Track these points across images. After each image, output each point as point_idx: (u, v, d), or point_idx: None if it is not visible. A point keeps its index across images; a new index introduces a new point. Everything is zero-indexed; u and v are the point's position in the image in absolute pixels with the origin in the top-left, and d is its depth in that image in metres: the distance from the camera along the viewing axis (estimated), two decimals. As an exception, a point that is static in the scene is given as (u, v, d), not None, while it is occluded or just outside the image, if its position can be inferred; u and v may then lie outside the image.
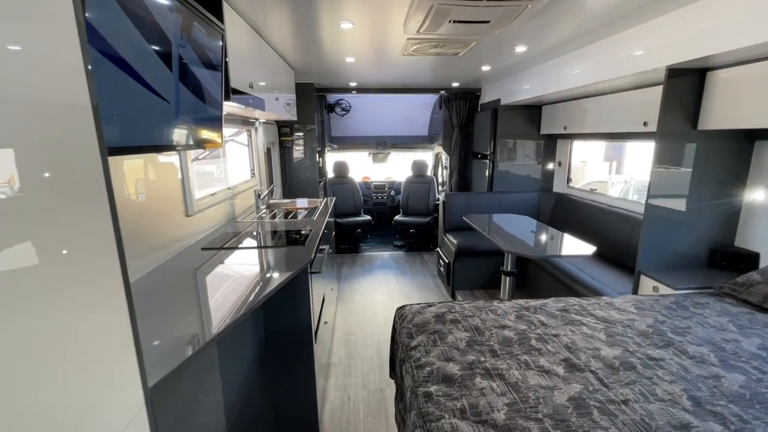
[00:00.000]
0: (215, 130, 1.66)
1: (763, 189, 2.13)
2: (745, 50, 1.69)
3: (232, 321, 1.21)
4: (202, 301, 1.43)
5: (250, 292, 1.46)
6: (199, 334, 1.14)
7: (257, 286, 1.53)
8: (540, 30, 2.29)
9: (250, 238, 2.27)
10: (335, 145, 5.71)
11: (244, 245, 2.09)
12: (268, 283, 1.56)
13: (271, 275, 1.70)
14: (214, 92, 1.62)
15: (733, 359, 1.37)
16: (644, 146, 8.43)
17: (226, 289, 1.51)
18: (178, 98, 1.33)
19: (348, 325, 3.31)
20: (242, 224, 2.58)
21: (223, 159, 3.26)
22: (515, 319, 1.69)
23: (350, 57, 3.00)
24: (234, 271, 1.73)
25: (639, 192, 7.22)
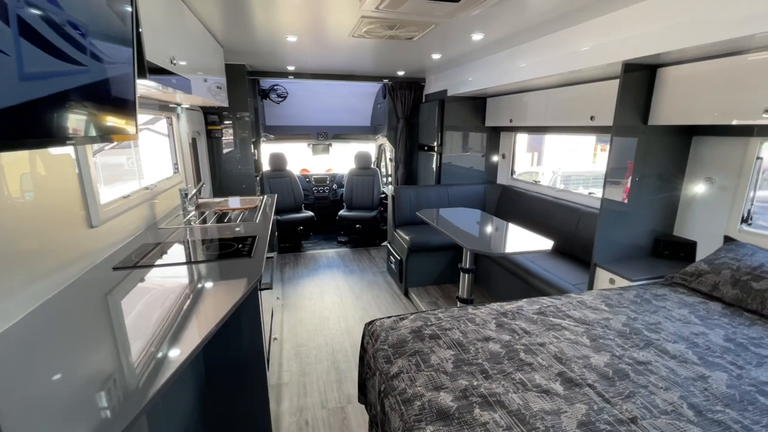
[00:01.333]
0: (125, 116, 1.26)
1: (699, 182, 2.28)
2: (690, 50, 1.72)
3: (166, 381, 0.88)
4: (117, 349, 1.07)
5: (184, 329, 1.12)
6: (114, 407, 0.81)
7: (194, 318, 1.19)
8: (502, 16, 2.17)
9: (178, 249, 1.86)
10: (271, 135, 5.22)
11: (170, 260, 1.69)
12: (210, 313, 1.23)
13: (212, 300, 1.36)
14: (120, 66, 1.22)
15: (709, 355, 1.38)
16: (563, 139, 9.06)
17: (150, 325, 1.15)
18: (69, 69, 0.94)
19: (298, 336, 3.00)
20: (166, 232, 2.14)
21: (135, 151, 2.72)
22: (496, 328, 1.57)
23: (292, 35, 2.64)
24: (159, 297, 1.35)
25: (565, 182, 7.81)
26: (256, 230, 2.16)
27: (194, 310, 1.26)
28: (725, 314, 1.69)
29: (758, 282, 1.71)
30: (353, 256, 4.92)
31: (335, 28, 2.44)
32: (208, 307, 1.29)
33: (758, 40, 1.51)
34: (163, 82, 1.59)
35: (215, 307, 1.28)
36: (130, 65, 1.27)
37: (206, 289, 1.45)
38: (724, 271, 1.85)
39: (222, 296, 1.38)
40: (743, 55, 1.68)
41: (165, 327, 1.12)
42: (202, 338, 1.07)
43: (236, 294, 1.36)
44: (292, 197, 5.28)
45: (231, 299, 1.32)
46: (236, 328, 1.59)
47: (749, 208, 2.06)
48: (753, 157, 2.00)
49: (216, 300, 1.35)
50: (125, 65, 1.24)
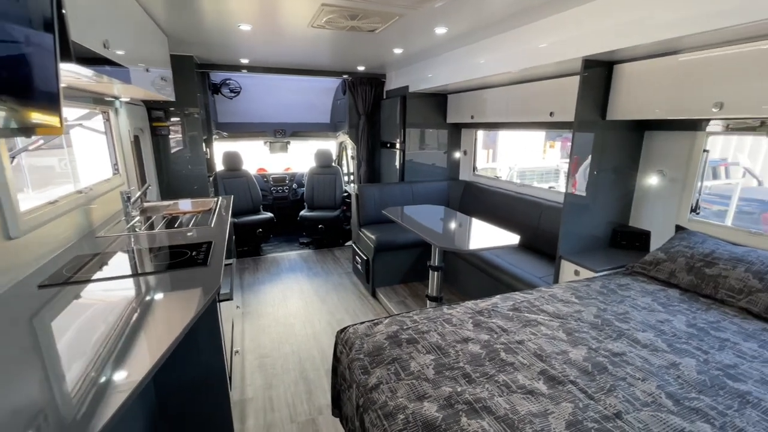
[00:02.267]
0: (45, 107, 1.06)
1: (651, 174, 2.39)
2: (643, 47, 1.78)
3: (112, 415, 0.73)
4: (49, 380, 0.88)
5: (130, 353, 0.96)
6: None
7: (143, 339, 1.03)
8: (466, 10, 2.14)
9: (121, 260, 1.64)
10: (224, 132, 4.90)
11: (110, 273, 1.48)
12: (163, 332, 1.07)
13: (164, 317, 1.19)
14: (38, 48, 1.02)
15: (677, 342, 1.42)
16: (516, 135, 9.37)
17: (88, 351, 0.97)
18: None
19: (261, 347, 2.81)
20: (105, 240, 1.89)
21: (69, 151, 2.42)
22: (474, 327, 1.52)
23: (245, 24, 2.44)
24: (98, 318, 1.16)
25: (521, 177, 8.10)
26: (211, 235, 1.97)
27: (142, 329, 1.09)
28: (683, 300, 1.76)
29: (710, 268, 1.81)
30: (317, 257, 4.76)
31: (293, 16, 2.29)
32: (160, 325, 1.13)
33: (707, 37, 1.58)
34: (95, 69, 1.37)
35: (168, 325, 1.12)
36: (51, 48, 1.07)
37: (156, 304, 1.27)
38: (679, 258, 1.94)
39: (175, 312, 1.22)
40: (693, 52, 1.76)
41: (106, 352, 0.95)
42: (155, 361, 0.92)
43: (192, 308, 1.20)
44: (249, 198, 5.00)
45: (186, 314, 1.16)
46: (193, 346, 1.42)
47: (697, 198, 2.18)
48: (700, 150, 2.12)
49: (169, 316, 1.19)
50: (43, 48, 1.04)
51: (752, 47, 1.54)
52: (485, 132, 4.25)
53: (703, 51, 1.72)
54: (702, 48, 1.73)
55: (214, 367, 1.48)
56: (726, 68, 1.65)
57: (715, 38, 1.58)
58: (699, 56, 1.74)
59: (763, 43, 1.52)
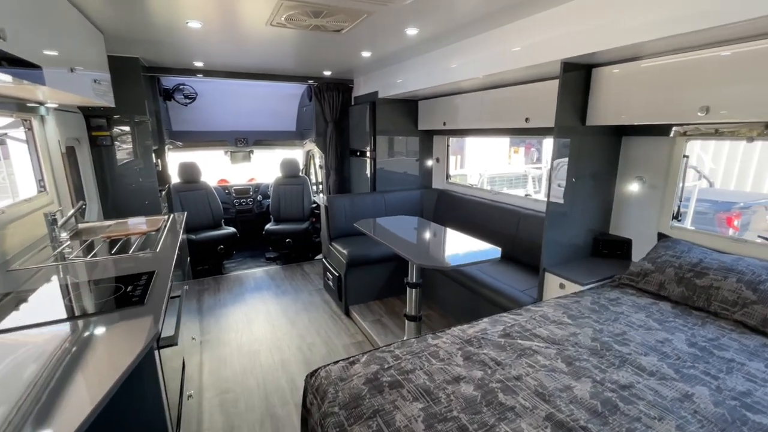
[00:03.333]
0: None
1: (630, 181, 2.33)
2: (625, 48, 1.70)
3: None
4: None
5: None
6: None
7: (49, 415, 0.76)
8: (439, 9, 1.99)
9: (31, 303, 1.33)
10: (178, 142, 4.52)
11: (18, 322, 1.18)
12: (75, 402, 0.80)
13: (79, 382, 0.91)
14: None
15: (683, 366, 1.30)
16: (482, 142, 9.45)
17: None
18: None
19: (221, 381, 2.50)
20: (20, 275, 1.56)
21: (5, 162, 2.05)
22: (464, 361, 1.34)
23: (195, 21, 2.17)
24: None
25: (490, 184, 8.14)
26: (155, 262, 1.68)
27: (48, 401, 0.82)
28: (677, 314, 1.67)
29: (701, 279, 1.73)
30: (284, 273, 4.45)
31: (249, 13, 2.05)
32: (75, 392, 0.86)
33: (698, 37, 1.51)
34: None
35: (87, 391, 0.85)
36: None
37: (72, 363, 0.99)
38: (667, 269, 1.86)
39: (97, 372, 0.95)
40: (680, 54, 1.69)
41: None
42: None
43: (119, 366, 0.94)
44: (209, 212, 4.63)
45: (110, 375, 0.90)
46: (126, 404, 1.14)
47: (678, 205, 2.13)
48: (680, 155, 2.07)
49: (87, 380, 0.92)
50: None
51: (746, 48, 1.48)
52: (453, 138, 4.14)
53: (691, 53, 1.65)
54: (690, 50, 1.65)
55: (154, 426, 1.20)
56: (715, 71, 1.58)
57: (706, 39, 1.51)
58: (686, 58, 1.67)
59: (757, 43, 1.45)
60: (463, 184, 4.11)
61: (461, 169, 9.60)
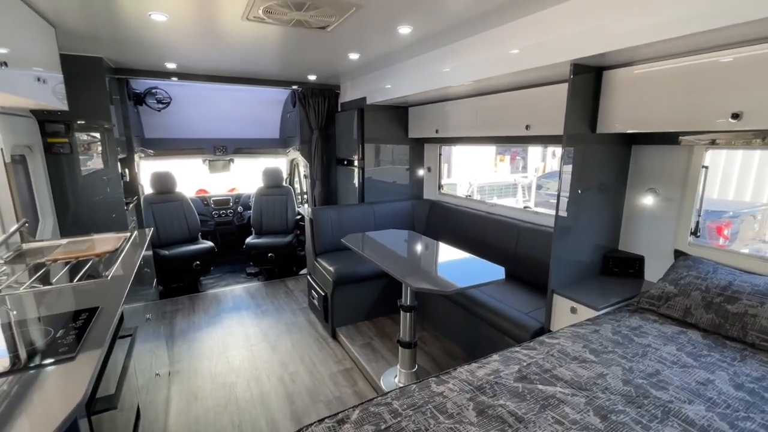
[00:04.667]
0: None
1: (642, 193, 2.15)
2: (645, 47, 1.52)
3: None
4: None
5: None
6: None
7: None
8: (435, 4, 1.79)
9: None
10: (150, 150, 4.19)
11: None
12: None
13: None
14: None
15: (735, 418, 1.09)
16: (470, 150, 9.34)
17: None
18: None
19: (191, 422, 2.19)
20: (-73, 314, 1.25)
21: None
22: (478, 418, 1.10)
23: (158, 13, 1.91)
24: None
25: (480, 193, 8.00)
26: (101, 295, 1.40)
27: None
28: (710, 345, 1.47)
29: (733, 304, 1.54)
30: (266, 291, 4.15)
31: (221, 4, 1.81)
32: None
33: (724, 36, 1.34)
34: None
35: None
36: None
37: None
38: (693, 292, 1.67)
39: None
40: (703, 54, 1.52)
41: None
42: None
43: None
44: (185, 225, 4.30)
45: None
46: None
47: (697, 220, 1.96)
48: (699, 165, 1.90)
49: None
50: None
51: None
52: (440, 147, 3.95)
53: (715, 53, 1.48)
54: (713, 49, 1.48)
55: None
56: (746, 73, 1.41)
57: (736, 36, 1.33)
58: (713, 59, 1.50)
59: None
60: (454, 194, 3.91)
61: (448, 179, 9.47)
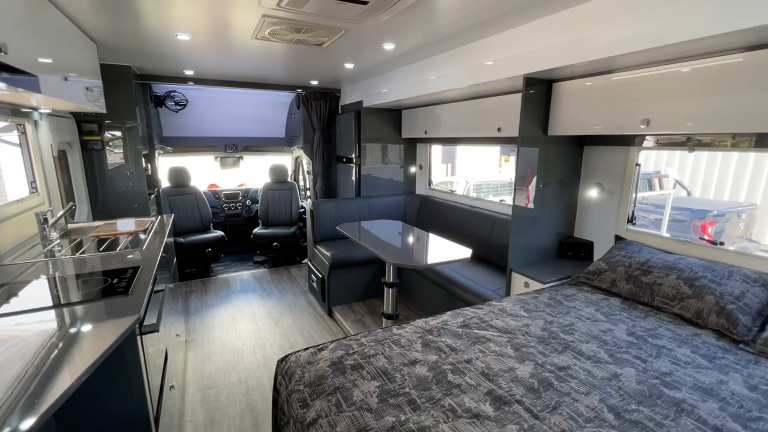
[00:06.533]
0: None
1: (591, 187, 2.50)
2: (578, 66, 1.87)
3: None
4: None
5: (20, 400, 0.81)
6: None
7: (38, 385, 0.87)
8: (410, 27, 2.16)
9: (25, 292, 1.44)
10: (169, 147, 4.63)
11: (10, 308, 1.29)
12: (63, 375, 0.92)
13: (66, 358, 1.03)
14: None
15: (617, 352, 1.45)
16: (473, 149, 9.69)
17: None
18: None
19: (205, 377, 2.60)
20: (13, 269, 1.66)
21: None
22: (422, 348, 1.47)
23: (183, 34, 2.32)
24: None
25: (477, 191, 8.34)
26: (140, 259, 1.80)
27: (40, 373, 0.93)
28: (624, 308, 1.82)
29: (647, 276, 1.89)
30: (271, 276, 4.55)
31: (235, 27, 2.20)
32: (62, 366, 0.97)
33: (636, 58, 1.68)
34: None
35: (72, 366, 0.97)
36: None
37: (62, 342, 1.10)
38: (618, 268, 2.01)
39: (83, 350, 1.06)
40: (624, 72, 1.87)
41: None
42: (48, 407, 0.78)
43: (103, 345, 1.05)
44: (198, 216, 4.73)
45: (93, 353, 1.01)
46: (109, 387, 1.25)
47: (633, 209, 2.30)
48: (633, 163, 2.25)
49: (74, 356, 1.03)
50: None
51: (677, 68, 1.66)
52: (444, 147, 4.31)
53: (633, 71, 1.83)
54: (632, 68, 1.83)
55: (135, 409, 1.31)
56: (653, 88, 1.76)
57: (644, 59, 1.68)
58: (629, 76, 1.85)
59: (685, 64, 1.63)
60: (443, 190, 4.27)
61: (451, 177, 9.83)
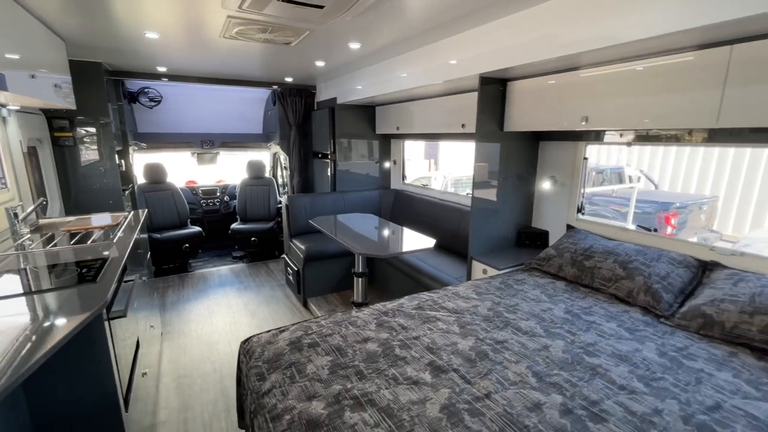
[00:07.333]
0: None
1: (546, 180, 2.66)
2: (534, 65, 2.02)
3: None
4: None
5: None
6: None
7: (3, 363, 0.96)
8: (374, 27, 2.26)
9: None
10: (143, 143, 4.63)
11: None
12: (26, 357, 1.00)
13: (33, 341, 1.11)
14: None
15: (552, 327, 1.60)
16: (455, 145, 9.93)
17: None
18: None
19: (180, 367, 2.67)
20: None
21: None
22: (376, 327, 1.60)
23: (152, 32, 2.37)
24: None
25: (455, 185, 8.52)
26: (109, 251, 1.87)
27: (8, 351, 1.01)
28: (567, 290, 1.98)
29: (588, 261, 2.06)
30: (249, 271, 4.62)
31: (202, 27, 2.27)
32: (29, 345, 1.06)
33: (580, 59, 1.83)
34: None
35: (39, 343, 1.05)
36: None
37: (28, 326, 1.18)
38: (565, 254, 2.18)
39: (49, 331, 1.14)
40: (565, 73, 2.02)
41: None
42: (8, 384, 0.87)
43: (69, 326, 1.14)
44: (175, 212, 4.75)
45: (61, 332, 1.10)
46: (77, 369, 1.34)
47: (581, 201, 2.47)
48: (581, 157, 2.41)
49: (41, 336, 1.11)
50: None
51: (610, 70, 1.82)
52: (427, 143, 4.44)
53: (574, 72, 1.99)
54: (577, 69, 1.98)
55: (104, 389, 1.40)
56: (590, 88, 1.91)
57: (592, 59, 1.82)
58: (572, 77, 2.00)
59: (617, 66, 1.79)
60: (417, 185, 4.40)
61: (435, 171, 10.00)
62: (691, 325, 1.57)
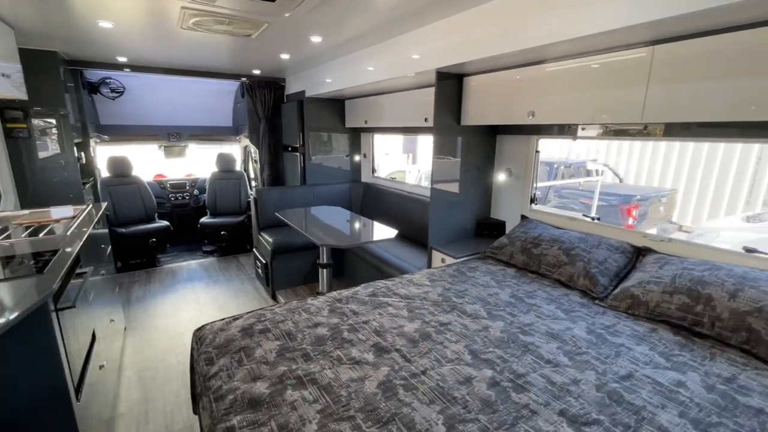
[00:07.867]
0: None
1: (502, 172, 2.77)
2: (486, 60, 2.09)
3: None
4: None
5: None
6: None
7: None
8: (333, 21, 2.29)
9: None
10: (105, 136, 4.50)
11: None
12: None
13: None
14: None
15: (495, 310, 1.70)
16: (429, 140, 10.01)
17: None
18: None
19: (143, 361, 2.66)
20: (-77, 255, 1.67)
21: None
22: (328, 313, 1.66)
23: (105, 21, 2.32)
24: None
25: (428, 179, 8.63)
26: (62, 243, 1.85)
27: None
28: (516, 276, 2.10)
29: (537, 248, 2.17)
30: (219, 265, 4.59)
31: (157, 16, 2.24)
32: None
33: (528, 55, 1.92)
34: None
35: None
36: None
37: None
38: (516, 242, 2.29)
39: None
40: (515, 69, 2.12)
41: None
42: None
43: (10, 315, 1.15)
44: (141, 206, 4.65)
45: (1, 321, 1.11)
46: (24, 358, 1.34)
47: (534, 192, 2.59)
48: (534, 150, 2.53)
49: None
50: None
51: (556, 67, 1.92)
52: (405, 137, 4.50)
53: (523, 68, 2.08)
54: (524, 65, 2.08)
55: (52, 383, 1.40)
56: (537, 84, 2.01)
57: (533, 56, 1.92)
58: (521, 74, 2.10)
59: (561, 64, 1.89)
60: (385, 178, 4.47)
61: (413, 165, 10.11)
62: (621, 305, 1.70)
